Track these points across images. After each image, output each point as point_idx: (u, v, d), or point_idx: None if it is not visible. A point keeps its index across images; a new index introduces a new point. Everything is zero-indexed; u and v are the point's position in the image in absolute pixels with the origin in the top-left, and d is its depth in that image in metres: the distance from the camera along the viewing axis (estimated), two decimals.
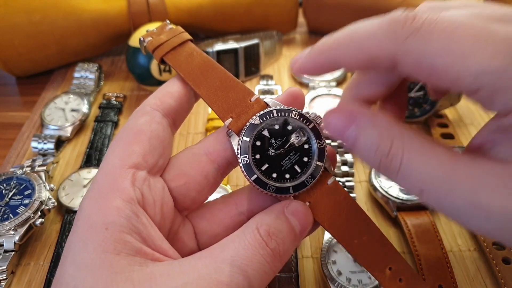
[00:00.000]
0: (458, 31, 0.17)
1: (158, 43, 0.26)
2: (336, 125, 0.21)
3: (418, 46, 0.17)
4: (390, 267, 0.22)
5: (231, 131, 0.23)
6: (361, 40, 0.19)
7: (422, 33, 0.17)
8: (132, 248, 0.19)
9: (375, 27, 0.19)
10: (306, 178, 0.22)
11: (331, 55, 0.21)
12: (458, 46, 0.16)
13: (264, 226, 0.21)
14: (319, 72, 0.22)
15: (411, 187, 0.19)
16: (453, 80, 0.17)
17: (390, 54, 0.18)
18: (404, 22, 0.18)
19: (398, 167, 0.19)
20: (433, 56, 0.17)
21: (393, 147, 0.19)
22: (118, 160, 0.22)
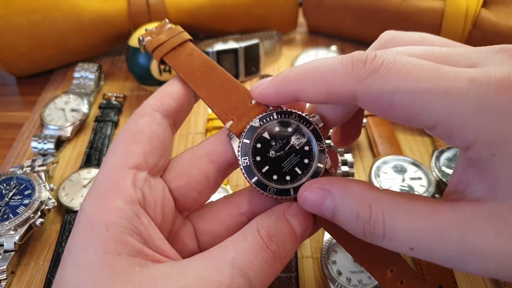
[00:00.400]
0: (413, 71, 0.18)
1: (157, 43, 0.26)
2: (311, 202, 0.21)
3: (377, 84, 0.18)
4: (392, 269, 0.22)
5: (232, 133, 0.23)
6: (323, 74, 0.20)
7: (382, 71, 0.18)
8: (133, 249, 0.19)
9: (338, 63, 0.20)
10: (306, 180, 0.22)
11: (293, 87, 0.21)
12: (413, 85, 0.17)
13: (265, 228, 0.21)
14: (279, 101, 0.23)
15: (400, 247, 0.19)
16: (411, 117, 0.18)
17: (350, 90, 0.19)
18: (365, 61, 0.19)
19: (382, 232, 0.19)
20: (391, 95, 0.18)
21: (373, 213, 0.19)
22: (118, 161, 0.22)
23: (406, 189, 0.36)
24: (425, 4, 0.47)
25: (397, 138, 0.43)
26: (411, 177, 0.37)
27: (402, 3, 0.48)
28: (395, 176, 0.38)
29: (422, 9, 0.47)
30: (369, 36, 0.53)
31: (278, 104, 0.23)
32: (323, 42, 0.58)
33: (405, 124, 0.19)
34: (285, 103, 0.23)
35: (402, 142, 0.43)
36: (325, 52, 0.54)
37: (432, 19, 0.47)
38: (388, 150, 0.41)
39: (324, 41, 0.58)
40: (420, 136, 0.44)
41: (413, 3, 0.48)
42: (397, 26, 0.47)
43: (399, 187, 0.37)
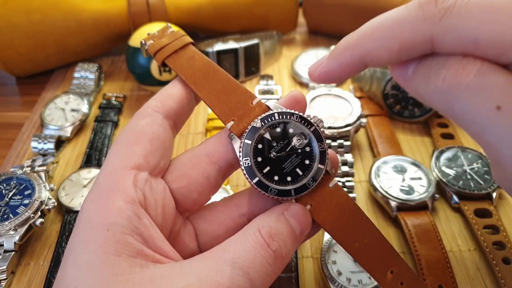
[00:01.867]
0: (496, 2, 0.16)
1: (159, 46, 0.26)
2: None
3: (456, 22, 0.16)
4: (392, 270, 0.22)
5: (233, 134, 0.23)
6: (390, 28, 0.18)
7: (459, 8, 0.16)
8: (133, 249, 0.19)
9: (404, 12, 0.18)
10: (307, 180, 0.22)
11: (359, 51, 0.19)
12: (500, 16, 0.16)
13: (266, 228, 0.21)
14: (344, 76, 0.20)
15: (484, 102, 0.16)
16: (500, 53, 0.16)
17: (426, 36, 0.17)
18: (436, 1, 0.17)
19: (473, 73, 0.16)
20: (475, 30, 0.16)
21: (470, 58, 0.17)
22: (119, 161, 0.22)
23: (406, 189, 0.36)
24: None
25: (397, 138, 0.43)
26: (411, 177, 0.37)
27: (402, 3, 0.48)
28: (395, 176, 0.38)
29: None
30: None
31: (346, 79, 0.21)
32: (323, 42, 0.58)
33: (491, 61, 0.16)
34: (352, 74, 0.20)
35: (402, 142, 0.43)
36: (325, 52, 0.54)
37: None
38: (388, 150, 0.41)
39: (324, 41, 0.58)
40: (420, 136, 0.44)
41: None
42: None
43: (399, 187, 0.37)
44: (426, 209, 0.36)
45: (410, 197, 0.36)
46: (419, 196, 0.36)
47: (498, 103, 0.16)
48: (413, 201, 0.36)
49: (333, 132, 0.41)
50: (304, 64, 0.53)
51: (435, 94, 0.18)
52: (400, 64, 0.20)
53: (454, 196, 0.37)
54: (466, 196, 0.36)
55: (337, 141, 0.41)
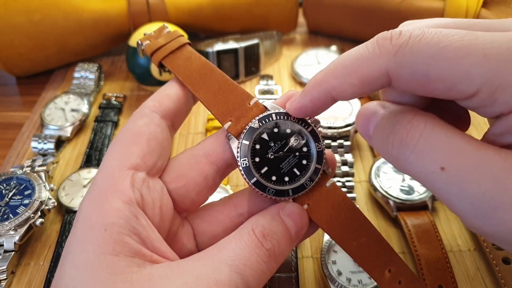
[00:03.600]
0: (445, 39, 0.17)
1: (156, 47, 0.26)
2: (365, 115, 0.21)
3: (409, 57, 0.17)
4: (390, 269, 0.22)
5: (230, 134, 0.23)
6: (351, 64, 0.19)
7: (411, 45, 0.17)
8: (131, 249, 0.19)
9: (363, 49, 0.19)
10: (305, 180, 0.22)
11: (325, 87, 0.20)
12: (448, 53, 0.17)
13: (259, 227, 0.21)
14: (317, 108, 0.21)
15: (429, 164, 0.17)
16: (450, 87, 0.17)
17: (382, 71, 0.18)
18: (391, 37, 0.18)
19: (416, 139, 0.17)
20: (426, 66, 0.17)
21: (414, 119, 0.18)
22: (117, 162, 0.22)
23: (406, 189, 0.36)
24: (425, 4, 0.47)
25: None
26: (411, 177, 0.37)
27: (402, 3, 0.48)
28: (395, 176, 0.38)
29: (422, 9, 0.47)
30: (369, 36, 0.53)
31: (320, 112, 0.22)
32: (323, 42, 0.58)
33: (442, 97, 0.18)
34: (324, 108, 0.21)
35: None
36: (325, 52, 0.54)
37: None
38: None
39: (324, 41, 0.58)
40: None
41: (413, 3, 0.47)
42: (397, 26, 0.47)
43: (399, 187, 0.37)
44: (426, 209, 0.36)
45: (410, 197, 0.36)
46: (419, 196, 0.36)
47: (441, 164, 0.17)
48: (413, 201, 0.36)
49: (333, 132, 0.41)
50: (304, 64, 0.53)
51: (390, 158, 0.19)
52: (364, 121, 0.21)
53: None
54: None
55: (337, 141, 0.41)
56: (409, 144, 0.18)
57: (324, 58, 0.53)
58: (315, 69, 0.52)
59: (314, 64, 0.53)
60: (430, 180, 0.17)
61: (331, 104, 0.21)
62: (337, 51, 0.54)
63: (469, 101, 0.17)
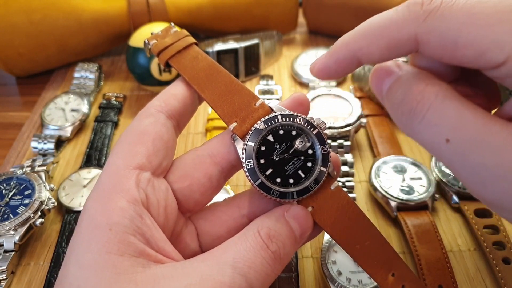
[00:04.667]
0: (477, 5, 0.17)
1: (163, 46, 0.26)
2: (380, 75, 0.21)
3: (439, 23, 0.17)
4: (393, 273, 0.22)
5: (235, 135, 0.23)
6: (380, 26, 0.19)
7: (442, 10, 0.17)
8: (135, 249, 0.19)
9: (393, 12, 0.19)
10: (310, 183, 0.22)
11: (351, 49, 0.20)
12: (480, 19, 0.16)
13: (265, 229, 0.21)
14: (342, 70, 0.22)
15: (435, 135, 0.18)
16: (479, 54, 0.17)
17: (411, 35, 0.18)
18: (422, 3, 0.18)
19: (426, 109, 0.18)
20: (456, 32, 0.17)
21: (427, 89, 0.18)
22: (122, 161, 0.22)
23: (406, 189, 0.36)
24: None
25: (397, 138, 0.43)
26: (411, 177, 0.38)
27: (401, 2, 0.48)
28: (395, 176, 0.38)
29: None
30: None
31: (343, 75, 0.22)
32: (323, 42, 0.58)
33: (469, 65, 0.17)
34: (348, 71, 0.21)
35: (402, 142, 0.43)
36: (325, 52, 0.54)
37: None
38: (388, 150, 0.41)
39: (324, 41, 0.58)
40: None
41: None
42: None
43: (399, 187, 0.37)
44: (426, 209, 0.36)
45: (410, 197, 0.36)
46: (419, 196, 0.36)
47: (447, 136, 0.17)
48: (413, 201, 0.36)
49: (333, 132, 0.41)
50: (304, 64, 0.53)
51: (399, 123, 0.20)
52: (377, 81, 0.21)
53: (454, 196, 0.37)
54: (466, 196, 0.36)
55: (337, 141, 0.41)
56: (418, 114, 0.18)
57: None
58: None
59: None
60: (435, 149, 0.18)
61: (356, 67, 0.21)
62: None
63: (497, 71, 0.17)
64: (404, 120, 0.19)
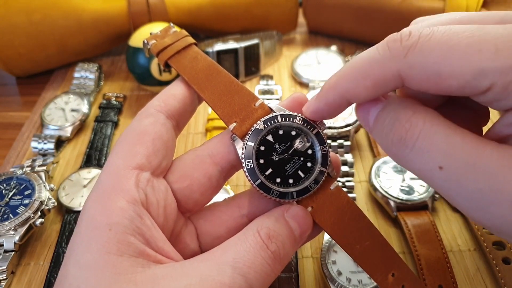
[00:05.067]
0: (455, 37, 0.17)
1: (162, 46, 0.26)
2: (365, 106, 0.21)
3: (420, 58, 0.17)
4: (393, 273, 0.22)
5: (235, 135, 0.23)
6: (363, 67, 0.19)
7: (421, 45, 0.17)
8: (135, 249, 0.19)
9: (374, 52, 0.19)
10: (309, 183, 0.22)
11: (339, 91, 0.20)
12: (459, 50, 0.17)
13: (265, 229, 0.21)
14: (333, 112, 0.22)
15: (427, 163, 0.18)
16: (463, 83, 0.17)
17: (394, 72, 0.18)
18: (400, 39, 0.18)
19: (416, 137, 0.18)
20: (437, 64, 0.17)
21: (414, 117, 0.18)
22: (121, 161, 0.22)
23: (406, 189, 0.36)
24: (425, 4, 0.47)
25: None
26: (411, 177, 0.38)
27: (402, 3, 0.48)
28: (395, 176, 0.38)
29: (423, 9, 0.47)
30: (369, 36, 0.53)
31: (336, 115, 0.22)
32: (323, 42, 0.58)
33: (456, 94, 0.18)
34: (339, 111, 0.22)
35: None
36: (325, 52, 0.54)
37: None
38: None
39: (324, 41, 0.58)
40: None
41: (414, 3, 0.48)
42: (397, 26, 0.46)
43: (399, 187, 0.37)
44: (426, 209, 0.36)
45: (410, 197, 0.36)
46: (419, 196, 0.36)
47: (439, 163, 0.17)
48: (413, 201, 0.36)
49: (333, 132, 0.41)
50: (304, 64, 0.53)
51: (389, 153, 0.20)
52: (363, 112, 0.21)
53: None
54: None
55: (337, 141, 0.41)
56: (408, 143, 0.18)
57: (324, 58, 0.53)
58: (315, 69, 0.52)
59: (314, 64, 0.53)
60: (429, 177, 0.18)
61: (346, 106, 0.21)
62: (337, 51, 0.54)
63: (483, 96, 0.17)
64: (394, 150, 0.19)
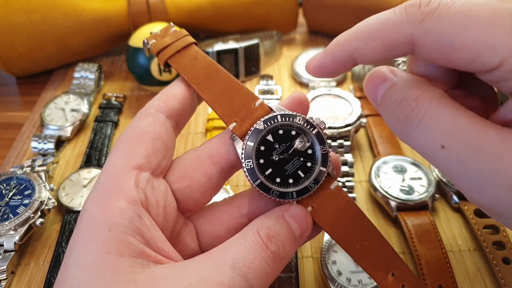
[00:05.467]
0: (474, 8, 0.17)
1: (162, 46, 0.26)
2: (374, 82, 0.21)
3: (435, 25, 0.17)
4: (393, 273, 0.22)
5: (235, 135, 0.23)
6: (377, 27, 0.19)
7: (439, 13, 0.17)
8: (135, 249, 0.19)
9: (391, 13, 0.19)
10: (309, 183, 0.22)
11: (348, 48, 0.20)
12: (476, 22, 0.16)
13: (264, 229, 0.21)
14: (337, 69, 0.22)
15: (431, 141, 0.18)
16: (474, 57, 0.17)
17: (407, 37, 0.18)
18: (419, 5, 0.18)
19: (421, 116, 0.18)
20: (452, 34, 0.17)
21: (422, 96, 0.18)
22: (121, 161, 0.22)
23: (406, 189, 0.36)
24: None
25: (397, 138, 0.43)
26: (411, 177, 0.38)
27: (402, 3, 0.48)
28: (395, 176, 0.38)
29: None
30: None
31: (338, 74, 0.22)
32: (323, 42, 0.58)
33: (464, 68, 0.18)
34: (343, 70, 0.22)
35: (402, 142, 0.43)
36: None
37: None
38: (388, 150, 0.41)
39: (324, 41, 0.58)
40: None
41: None
42: None
43: (399, 187, 0.37)
44: (426, 209, 0.36)
45: (410, 197, 0.36)
46: (419, 196, 0.36)
47: (442, 143, 0.18)
48: (413, 201, 0.36)
49: (333, 132, 0.41)
50: (304, 64, 0.53)
51: (394, 130, 0.20)
52: (372, 88, 0.21)
53: (454, 196, 0.37)
54: None
55: (337, 141, 0.41)
56: (413, 121, 0.18)
57: None
58: None
59: None
60: (431, 156, 0.18)
61: (351, 66, 0.21)
62: None
63: (491, 74, 0.17)
64: (399, 127, 0.19)
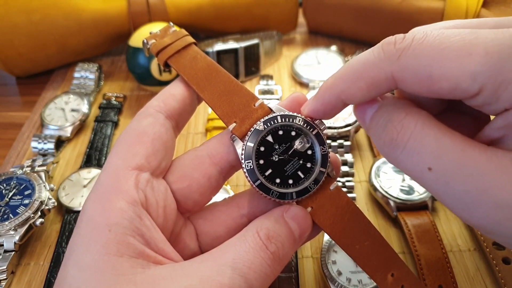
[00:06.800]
0: (447, 40, 0.17)
1: (161, 46, 0.26)
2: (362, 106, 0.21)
3: (412, 61, 0.18)
4: (393, 273, 0.22)
5: (235, 136, 0.23)
6: (358, 68, 0.20)
7: (413, 48, 0.18)
8: (135, 250, 0.19)
9: (370, 54, 0.20)
10: (309, 184, 0.22)
11: (335, 91, 0.21)
12: (450, 53, 0.17)
13: (264, 230, 0.21)
14: (329, 112, 0.22)
15: (417, 164, 0.18)
16: (454, 86, 0.17)
17: (388, 75, 0.19)
18: (394, 42, 0.19)
19: (407, 138, 0.18)
20: (429, 67, 0.17)
21: (406, 119, 0.19)
22: (121, 162, 0.22)
23: (406, 189, 0.36)
24: (425, 4, 0.47)
25: None
26: None
27: (402, 3, 0.48)
28: (395, 176, 0.38)
29: (423, 9, 0.47)
30: (369, 36, 0.53)
31: (333, 115, 0.23)
32: (323, 42, 0.58)
33: (448, 97, 0.18)
34: (335, 111, 0.22)
35: None
36: (325, 52, 0.54)
37: (432, 19, 0.47)
38: None
39: (324, 41, 0.58)
40: None
41: (413, 3, 0.48)
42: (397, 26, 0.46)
43: (399, 187, 0.37)
44: (426, 209, 0.36)
45: (410, 197, 0.36)
46: (419, 196, 0.36)
47: (429, 165, 0.18)
48: (413, 201, 0.36)
49: (333, 132, 0.41)
50: (304, 64, 0.53)
51: (382, 153, 0.20)
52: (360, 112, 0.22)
53: None
54: None
55: (337, 141, 0.41)
56: (399, 144, 0.19)
57: (324, 58, 0.53)
58: (315, 69, 0.52)
59: (314, 64, 0.53)
60: (419, 178, 0.19)
61: (343, 107, 0.22)
62: (337, 51, 0.54)
63: (474, 100, 0.18)
64: (386, 150, 0.19)
